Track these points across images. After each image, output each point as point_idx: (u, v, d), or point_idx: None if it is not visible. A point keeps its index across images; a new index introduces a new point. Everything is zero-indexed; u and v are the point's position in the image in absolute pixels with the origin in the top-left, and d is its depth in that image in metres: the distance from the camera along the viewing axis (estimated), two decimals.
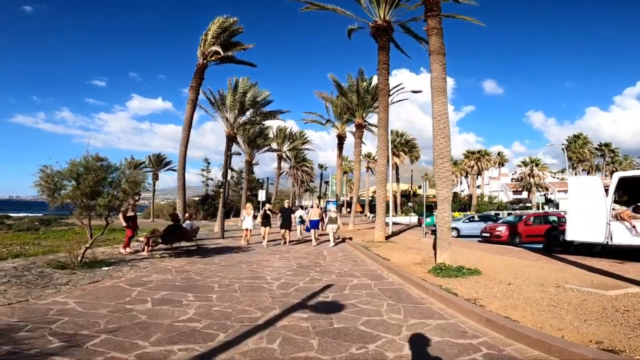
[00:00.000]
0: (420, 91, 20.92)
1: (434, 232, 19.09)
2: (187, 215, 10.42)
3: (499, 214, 30.18)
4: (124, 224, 9.34)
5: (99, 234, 7.95)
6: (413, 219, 38.27)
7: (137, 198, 9.45)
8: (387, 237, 14.68)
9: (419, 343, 3.55)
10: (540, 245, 13.45)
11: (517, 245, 14.35)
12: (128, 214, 9.20)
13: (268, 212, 11.92)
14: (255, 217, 12.60)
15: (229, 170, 14.78)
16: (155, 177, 47.60)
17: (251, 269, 7.56)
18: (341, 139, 28.11)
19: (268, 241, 12.00)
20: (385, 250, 10.63)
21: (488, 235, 14.91)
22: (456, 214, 35.76)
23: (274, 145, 31.59)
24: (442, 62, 8.07)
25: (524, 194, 68.28)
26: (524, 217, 15.83)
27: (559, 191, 77.21)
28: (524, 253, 11.12)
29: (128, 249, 9.58)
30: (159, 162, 48.08)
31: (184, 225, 10.02)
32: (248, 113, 21.94)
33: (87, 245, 7.56)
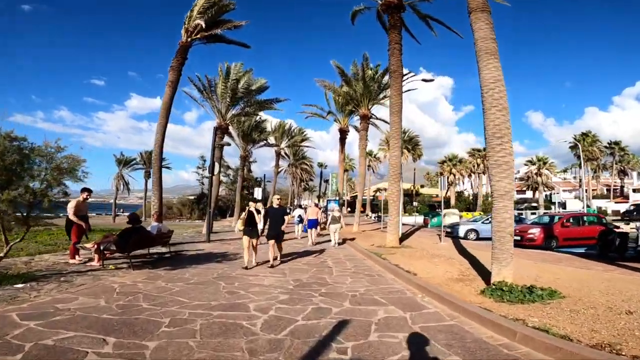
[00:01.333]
0: (432, 80, 18.80)
1: (449, 234, 17.13)
2: (154, 215, 8.23)
3: (521, 214, 28.24)
4: (80, 223, 7.19)
5: (17, 240, 5.76)
6: (418, 219, 36.39)
7: (86, 195, 7.28)
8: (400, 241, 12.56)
9: None
10: (580, 250, 11.46)
11: (552, 249, 12.25)
12: (74, 214, 7.04)
13: (254, 212, 7.09)
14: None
15: (217, 165, 12.58)
16: (148, 175, 45.35)
17: (230, 290, 5.39)
18: (343, 133, 25.96)
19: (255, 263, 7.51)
20: (404, 259, 8.49)
21: (518, 238, 12.74)
22: (465, 214, 33.83)
23: (272, 140, 29.37)
24: (488, 20, 6.02)
25: (528, 194, 66.47)
26: (558, 217, 13.70)
27: (563, 190, 75.53)
28: (577, 260, 9.04)
29: (78, 258, 7.42)
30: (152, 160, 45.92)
31: (151, 227, 7.86)
32: (242, 103, 19.79)
33: (1, 255, 5.40)
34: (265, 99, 19.69)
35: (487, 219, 17.11)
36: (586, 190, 68.49)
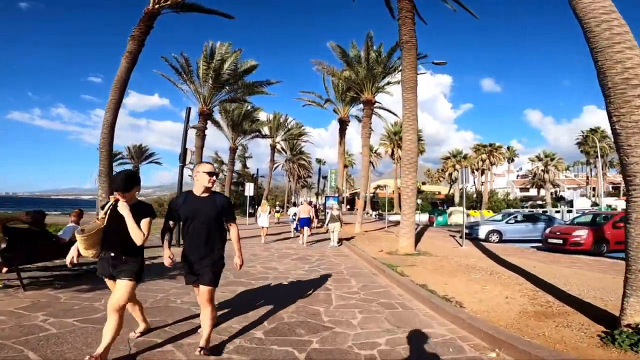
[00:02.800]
0: (444, 63, 16.48)
1: (469, 235, 14.66)
2: (72, 216, 5.77)
3: (546, 212, 26.20)
4: None
5: None
6: (422, 217, 34.11)
7: None
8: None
9: None
10: None
11: (602, 255, 9.92)
12: None
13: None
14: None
15: (190, 152, 10.11)
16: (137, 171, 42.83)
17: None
18: (343, 123, 23.54)
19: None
20: (432, 275, 6.11)
21: (560, 241, 10.40)
22: (472, 212, 31.61)
23: (265, 131, 26.90)
24: None
25: (532, 192, 64.39)
26: (605, 216, 11.35)
27: (567, 188, 73.40)
28: None
29: None
30: (140, 155, 43.33)
31: (64, 231, 5.42)
32: (228, 86, 17.35)
33: None
34: (254, 81, 17.26)
35: (512, 218, 14.74)
36: (594, 187, 66.48)
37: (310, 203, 14.29)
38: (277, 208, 26.99)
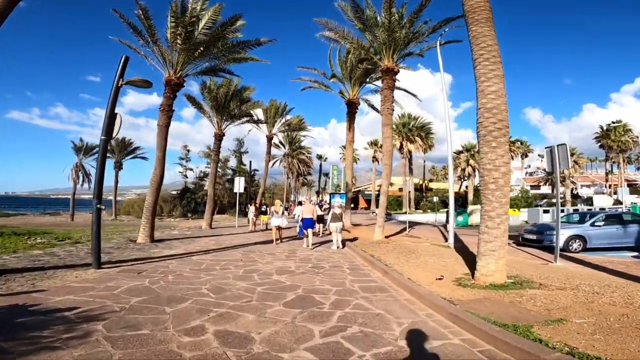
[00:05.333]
0: (460, 41, 12.59)
1: (530, 242, 9.24)
2: None
3: (577, 209, 22.27)
4: None
5: None
6: (438, 217, 30.36)
7: None
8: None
9: None
10: None
11: None
12: None
13: None
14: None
15: (118, 121, 5.88)
16: (119, 166, 38.78)
17: None
18: (352, 106, 19.49)
19: None
20: None
21: None
22: (511, 211, 27.67)
23: (260, 115, 22.66)
24: None
25: (543, 189, 60.72)
26: None
27: (581, 186, 69.78)
28: None
29: None
30: (124, 149, 39.20)
31: None
32: (208, 55, 13.26)
33: None
34: (240, 40, 13.14)
35: (598, 219, 10.57)
36: (609, 185, 62.53)
37: (319, 202, 10.81)
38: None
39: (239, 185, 19.26)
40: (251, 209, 17.18)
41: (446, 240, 10.84)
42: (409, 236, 14.14)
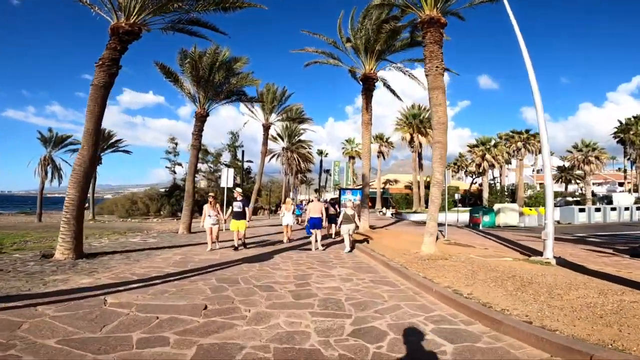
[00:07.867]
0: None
1: (618, 251, 6.51)
2: None
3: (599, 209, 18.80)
4: None
5: None
6: (461, 217, 26.83)
7: None
8: None
9: None
10: None
11: None
12: None
13: None
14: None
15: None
16: (98, 160, 34.67)
17: None
18: (368, 81, 15.69)
19: None
20: None
21: None
22: (525, 210, 24.24)
23: (251, 92, 18.67)
24: None
25: (556, 187, 57.10)
26: None
27: (593, 183, 66.63)
28: None
29: None
30: (103, 142, 35.12)
31: None
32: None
33: None
34: None
35: None
36: (629, 182, 59.01)
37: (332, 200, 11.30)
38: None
39: (227, 177, 15.40)
40: (206, 210, 9.20)
41: (522, 250, 7.06)
42: (456, 244, 10.38)
